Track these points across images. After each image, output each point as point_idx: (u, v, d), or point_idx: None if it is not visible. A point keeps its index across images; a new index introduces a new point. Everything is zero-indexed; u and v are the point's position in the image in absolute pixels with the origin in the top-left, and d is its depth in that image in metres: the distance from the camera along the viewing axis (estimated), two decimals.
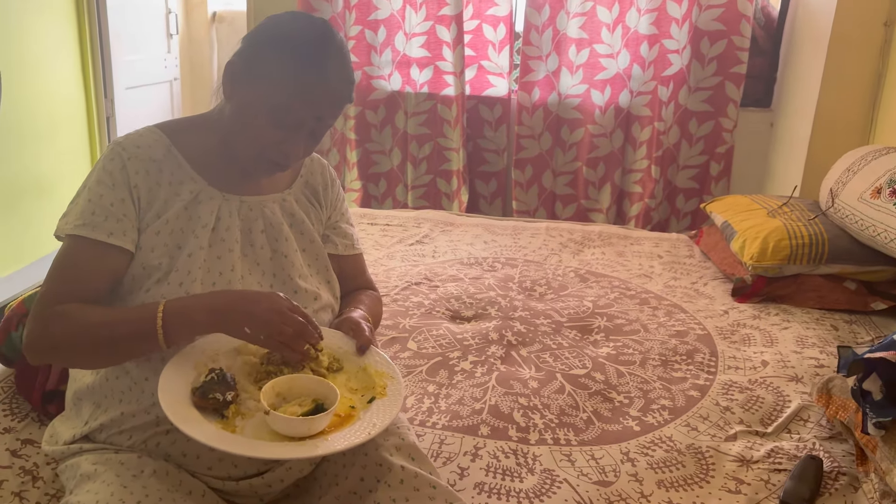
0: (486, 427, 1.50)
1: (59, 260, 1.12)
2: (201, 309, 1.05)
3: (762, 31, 3.42)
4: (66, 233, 1.11)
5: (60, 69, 3.53)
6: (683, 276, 2.41)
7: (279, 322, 1.05)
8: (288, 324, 1.05)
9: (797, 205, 2.46)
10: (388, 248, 2.58)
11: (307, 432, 1.00)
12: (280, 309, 1.06)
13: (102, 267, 1.11)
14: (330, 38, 1.14)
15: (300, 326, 1.07)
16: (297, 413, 1.03)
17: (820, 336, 1.95)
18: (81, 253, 1.11)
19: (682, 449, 1.45)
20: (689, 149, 3.49)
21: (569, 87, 3.50)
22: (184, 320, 1.05)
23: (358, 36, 3.54)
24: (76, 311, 1.06)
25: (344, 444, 0.99)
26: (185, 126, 1.24)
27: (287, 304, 1.08)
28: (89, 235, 1.10)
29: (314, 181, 1.35)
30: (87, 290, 1.10)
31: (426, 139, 3.64)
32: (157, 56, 4.36)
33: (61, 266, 1.11)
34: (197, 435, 0.95)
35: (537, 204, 3.64)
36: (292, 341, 1.06)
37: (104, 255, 1.11)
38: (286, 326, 1.05)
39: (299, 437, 1.00)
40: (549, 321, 1.99)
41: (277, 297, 1.08)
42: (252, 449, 0.97)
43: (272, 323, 1.04)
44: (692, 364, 1.79)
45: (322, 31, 1.14)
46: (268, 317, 1.05)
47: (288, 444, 0.99)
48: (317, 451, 0.98)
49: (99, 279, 1.11)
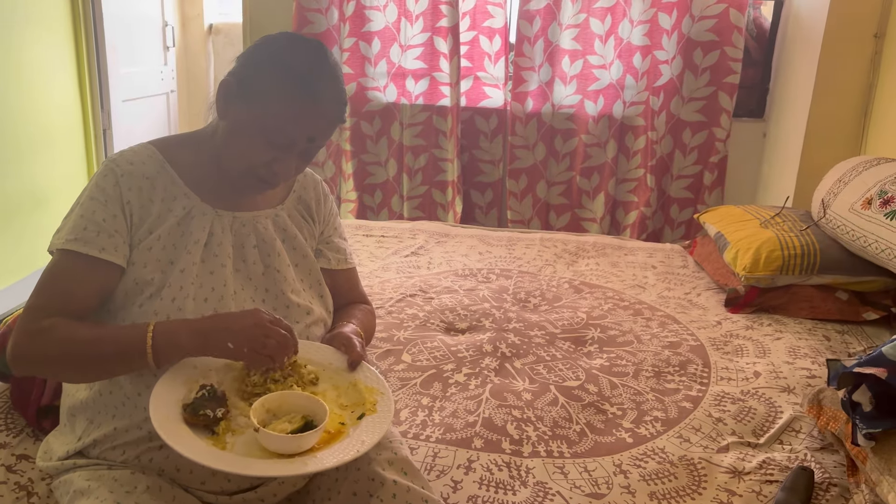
0: (480, 440, 1.50)
1: (48, 273, 1.12)
2: (186, 332, 1.07)
3: (754, 42, 3.44)
4: (58, 247, 1.12)
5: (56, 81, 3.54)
6: (677, 287, 2.42)
7: (261, 335, 1.07)
8: (270, 336, 1.08)
9: (789, 215, 2.47)
10: (384, 260, 2.59)
11: (297, 449, 1.01)
12: (261, 322, 1.08)
13: (92, 282, 1.12)
14: (323, 60, 1.15)
15: (282, 338, 1.09)
16: (286, 430, 1.03)
17: (812, 346, 1.97)
18: (71, 267, 1.11)
19: (674, 461, 1.46)
20: (683, 158, 3.51)
21: (562, 97, 3.52)
22: (171, 342, 1.06)
23: (352, 48, 3.56)
24: (63, 327, 1.07)
25: (333, 462, 1.00)
26: (178, 142, 1.25)
27: (268, 317, 1.10)
28: (80, 250, 1.11)
29: (307, 196, 1.36)
30: (75, 305, 1.10)
31: (421, 150, 3.66)
32: (154, 68, 4.38)
33: (50, 280, 1.12)
34: (187, 453, 0.96)
35: (531, 214, 3.66)
36: (275, 352, 1.08)
37: (94, 271, 1.12)
38: (268, 339, 1.07)
39: (289, 453, 1.01)
40: (542, 333, 2.00)
41: (258, 312, 1.10)
42: (242, 467, 0.98)
43: (255, 337, 1.07)
44: (685, 375, 1.80)
45: (316, 54, 1.15)
46: (250, 331, 1.07)
47: (278, 461, 1.00)
48: (306, 469, 0.99)
49: (88, 294, 1.12)
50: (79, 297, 1.11)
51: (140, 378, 1.12)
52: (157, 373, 1.10)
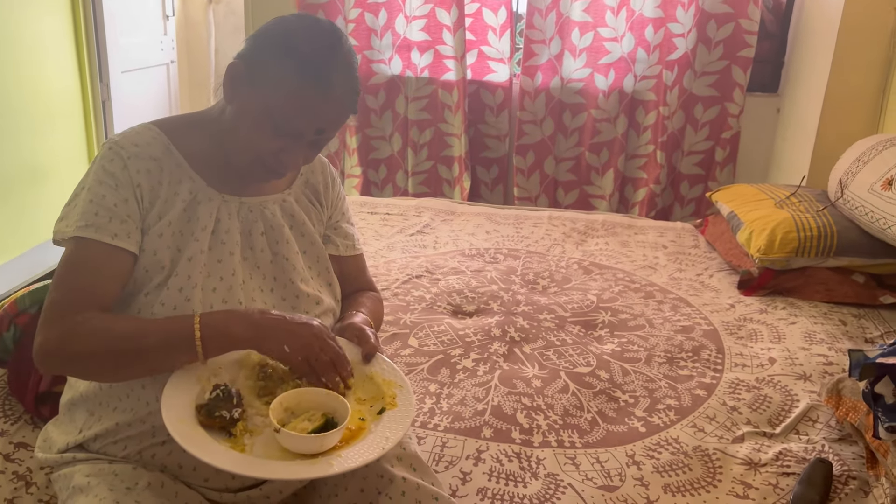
0: (489, 429, 1.47)
1: (65, 264, 1.07)
2: (241, 322, 1.04)
3: (770, 15, 3.35)
4: (69, 235, 1.07)
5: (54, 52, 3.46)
6: (689, 268, 2.37)
7: (318, 347, 1.06)
8: (326, 351, 1.07)
9: (805, 195, 2.41)
10: (389, 239, 2.54)
11: (319, 449, 0.97)
12: (320, 335, 1.07)
13: (111, 269, 1.07)
14: (337, 47, 1.08)
15: (337, 357, 1.08)
16: (307, 429, 1.00)
17: (828, 331, 1.92)
18: (89, 256, 1.06)
19: (688, 451, 1.43)
20: (695, 134, 3.44)
21: (572, 71, 3.44)
22: (221, 334, 1.03)
23: (357, 19, 3.47)
24: (99, 321, 1.02)
25: (358, 461, 0.96)
26: (183, 124, 1.19)
27: (327, 332, 1.10)
28: (93, 237, 1.05)
29: (315, 180, 1.31)
30: (101, 296, 1.05)
31: (427, 125, 3.59)
32: (153, 39, 4.29)
33: (71, 270, 1.06)
34: (208, 458, 0.92)
35: (539, 191, 3.59)
36: (326, 369, 1.06)
37: (110, 258, 1.06)
38: (323, 353, 1.06)
39: (311, 453, 0.97)
40: (552, 316, 1.96)
41: (318, 325, 1.09)
42: (267, 471, 0.94)
43: (311, 347, 1.05)
44: (698, 361, 1.76)
45: (330, 41, 1.08)
46: (309, 340, 1.06)
47: (302, 463, 0.96)
48: (332, 470, 0.95)
49: (111, 282, 1.07)
50: (103, 286, 1.06)
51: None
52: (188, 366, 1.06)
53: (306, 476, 0.98)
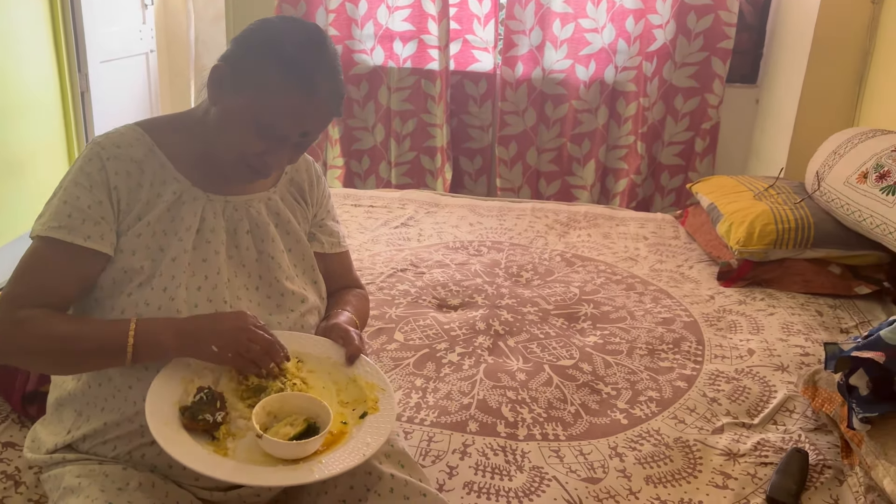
0: (475, 423, 1.49)
1: (26, 261, 1.08)
2: (170, 331, 1.05)
3: (749, 6, 3.38)
4: (40, 234, 1.08)
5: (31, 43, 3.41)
6: (669, 259, 2.41)
7: (245, 339, 1.05)
8: (255, 340, 1.06)
9: (783, 187, 2.45)
10: (373, 232, 2.55)
11: (301, 455, 0.99)
12: (246, 326, 1.06)
13: (74, 271, 1.08)
14: (322, 51, 1.09)
15: (267, 343, 1.07)
16: (289, 434, 1.01)
17: (805, 322, 1.96)
18: (53, 256, 1.07)
19: (669, 443, 1.46)
20: (675, 125, 3.47)
21: (553, 62, 3.45)
22: (152, 342, 1.04)
23: (338, 9, 3.46)
24: (42, 320, 1.04)
25: (339, 468, 0.98)
26: (167, 124, 1.19)
27: (253, 320, 1.08)
28: (65, 238, 1.06)
29: (299, 178, 1.31)
30: (53, 295, 1.07)
31: (410, 115, 3.59)
32: (132, 28, 4.23)
33: (29, 268, 1.08)
34: (190, 463, 0.93)
35: (521, 181, 3.61)
36: (259, 358, 1.06)
37: (77, 259, 1.07)
38: (253, 343, 1.06)
39: (293, 459, 0.99)
40: (535, 309, 1.98)
41: (244, 315, 1.08)
42: (248, 476, 0.95)
43: (239, 340, 1.05)
44: (679, 353, 1.80)
45: (314, 44, 1.09)
46: (235, 334, 1.05)
47: (283, 468, 0.97)
48: (312, 477, 0.96)
49: (68, 284, 1.08)
50: (58, 287, 1.07)
51: (131, 370, 1.09)
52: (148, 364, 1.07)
53: (286, 483, 0.99)
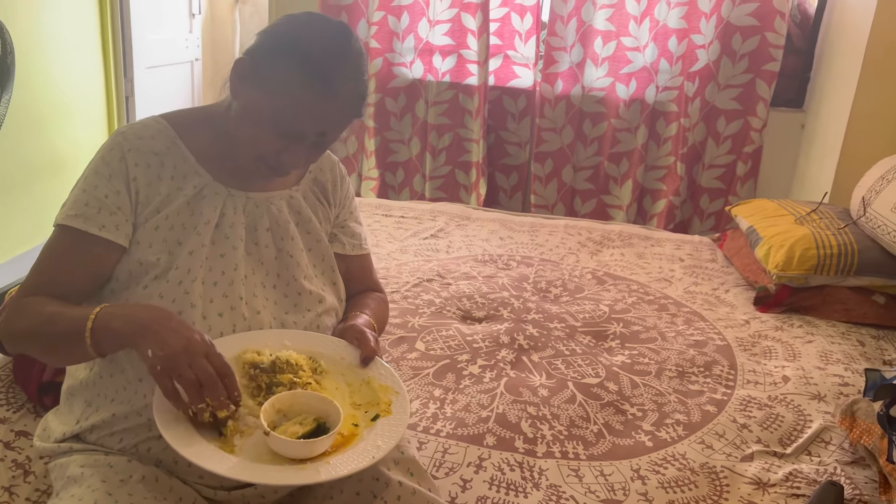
0: (492, 437, 1.44)
1: (44, 249, 1.09)
2: (122, 317, 0.97)
3: (797, 29, 3.31)
4: (59, 222, 1.08)
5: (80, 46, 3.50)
6: (704, 282, 2.34)
7: (184, 363, 0.91)
8: (194, 368, 0.92)
9: (826, 212, 2.37)
10: (402, 242, 2.53)
11: (308, 454, 0.96)
12: (193, 350, 0.92)
13: (87, 260, 1.07)
14: (345, 49, 1.07)
15: (206, 378, 0.92)
16: (298, 433, 0.98)
17: (845, 352, 1.88)
18: (67, 245, 1.07)
19: (695, 468, 1.40)
20: (716, 147, 3.40)
21: (593, 79, 3.42)
22: (105, 326, 0.96)
23: (380, 22, 3.48)
24: (36, 305, 1.03)
25: (347, 470, 0.94)
26: (191, 118, 1.19)
27: (206, 348, 0.94)
28: (80, 227, 1.06)
29: (323, 178, 1.30)
30: (62, 284, 1.06)
31: (446, 129, 3.58)
32: (179, 36, 4.32)
33: (46, 256, 1.08)
34: (195, 458, 0.91)
35: (556, 199, 3.57)
36: (189, 388, 0.91)
37: (91, 249, 1.07)
38: (189, 371, 0.91)
39: (300, 458, 0.96)
40: (562, 325, 1.93)
41: (200, 338, 0.95)
42: (253, 475, 0.92)
43: (177, 360, 0.91)
44: (710, 377, 1.73)
45: (338, 42, 1.07)
46: (176, 351, 0.91)
47: (289, 468, 0.94)
48: (319, 478, 0.93)
49: (80, 274, 1.07)
50: (68, 276, 1.07)
51: (142, 362, 1.07)
52: None
53: (292, 483, 0.96)
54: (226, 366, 0.95)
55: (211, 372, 0.93)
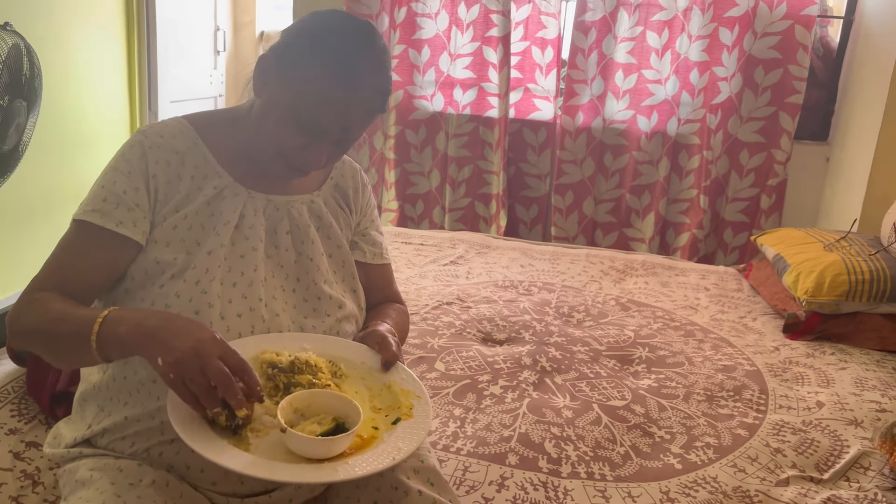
0: (515, 456, 1.39)
1: (59, 244, 1.06)
2: (130, 323, 0.91)
3: (820, 62, 3.29)
4: (76, 217, 1.06)
5: (106, 78, 3.56)
6: (731, 310, 2.28)
7: (196, 368, 0.86)
8: (207, 372, 0.86)
9: (856, 240, 2.32)
10: (421, 268, 2.50)
11: (326, 454, 0.91)
12: (204, 351, 0.87)
13: (101, 256, 1.05)
14: (369, 44, 1.06)
15: (221, 379, 0.86)
16: (315, 432, 0.93)
17: (881, 379, 1.81)
18: (83, 240, 1.05)
19: (727, 491, 1.33)
20: (740, 180, 3.36)
21: (614, 112, 3.41)
22: (112, 332, 0.91)
23: (402, 55, 3.51)
24: (44, 301, 0.99)
25: (366, 470, 0.89)
26: (214, 119, 1.18)
27: (220, 348, 0.89)
28: (97, 222, 1.04)
29: (345, 184, 1.28)
30: (75, 280, 1.03)
31: (466, 161, 3.58)
32: (203, 71, 4.40)
33: (60, 250, 1.06)
34: (209, 454, 0.86)
35: (577, 231, 3.54)
36: (203, 393, 0.86)
37: (107, 244, 1.04)
38: (201, 376, 0.86)
39: (317, 458, 0.91)
40: (586, 349, 1.88)
41: (211, 339, 0.89)
42: (267, 471, 0.87)
43: (187, 364, 0.86)
44: (740, 401, 1.67)
45: (362, 37, 1.05)
46: (186, 356, 0.86)
47: (305, 466, 0.90)
48: (336, 476, 0.88)
49: (94, 269, 1.04)
50: (81, 272, 1.04)
51: None
52: None
53: (309, 480, 0.90)
54: (242, 362, 0.91)
55: (225, 372, 0.87)
